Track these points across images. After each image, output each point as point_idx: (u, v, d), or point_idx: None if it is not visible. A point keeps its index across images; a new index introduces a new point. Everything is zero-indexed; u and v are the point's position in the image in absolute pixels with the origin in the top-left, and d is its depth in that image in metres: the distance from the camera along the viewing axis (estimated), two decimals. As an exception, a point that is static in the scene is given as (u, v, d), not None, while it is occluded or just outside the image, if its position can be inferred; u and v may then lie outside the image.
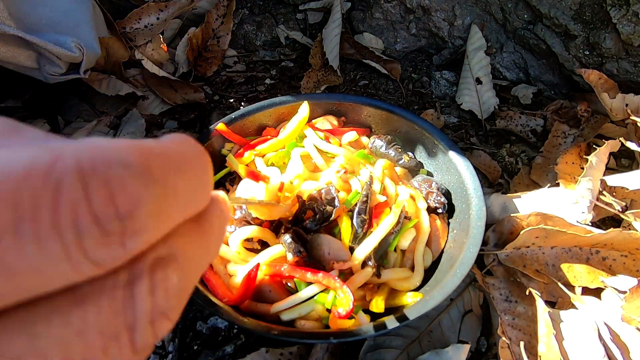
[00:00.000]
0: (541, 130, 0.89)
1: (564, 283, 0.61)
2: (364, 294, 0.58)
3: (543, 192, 0.70)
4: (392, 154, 0.71)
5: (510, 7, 0.96)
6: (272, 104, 0.76)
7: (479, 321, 0.63)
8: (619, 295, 0.58)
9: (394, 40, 1.11)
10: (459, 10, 1.01)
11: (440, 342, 0.60)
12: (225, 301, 0.55)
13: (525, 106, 0.96)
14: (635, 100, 0.79)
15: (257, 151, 0.70)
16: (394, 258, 0.62)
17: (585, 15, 0.87)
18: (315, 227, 0.58)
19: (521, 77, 1.02)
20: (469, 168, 0.66)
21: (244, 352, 0.59)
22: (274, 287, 0.58)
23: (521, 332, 0.59)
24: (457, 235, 0.64)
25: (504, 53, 1.02)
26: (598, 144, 0.73)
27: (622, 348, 0.54)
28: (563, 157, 0.75)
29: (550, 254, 0.63)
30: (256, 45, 1.13)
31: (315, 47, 1.06)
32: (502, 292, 0.63)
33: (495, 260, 0.66)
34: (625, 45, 0.83)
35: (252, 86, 1.03)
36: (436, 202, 0.66)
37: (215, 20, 1.06)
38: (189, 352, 0.61)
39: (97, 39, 0.83)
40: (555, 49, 0.93)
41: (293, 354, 0.58)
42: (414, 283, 0.60)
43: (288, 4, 1.15)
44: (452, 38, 1.05)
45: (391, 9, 1.08)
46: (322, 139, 0.71)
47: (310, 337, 0.52)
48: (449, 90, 1.01)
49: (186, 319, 0.64)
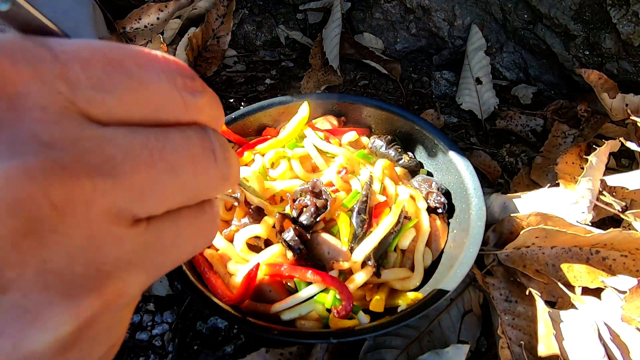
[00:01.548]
0: (541, 130, 0.89)
1: (564, 283, 0.61)
2: (364, 294, 0.58)
3: (543, 192, 0.70)
4: (392, 154, 0.71)
5: (510, 7, 0.96)
6: (272, 104, 0.76)
7: (479, 321, 0.63)
8: (619, 295, 0.58)
9: (394, 40, 1.11)
10: (459, 10, 1.01)
11: (440, 342, 0.60)
12: (225, 301, 0.55)
13: (525, 106, 0.96)
14: (635, 100, 0.79)
15: (257, 151, 0.70)
16: (393, 258, 0.62)
17: (585, 15, 0.87)
18: (311, 221, 0.58)
19: (521, 77, 1.02)
20: (469, 168, 0.66)
21: (244, 352, 0.59)
22: (274, 287, 0.58)
23: (521, 332, 0.59)
24: (457, 235, 0.64)
25: (504, 53, 1.02)
26: (598, 144, 0.73)
27: (622, 348, 0.54)
28: (563, 157, 0.75)
29: (550, 254, 0.63)
30: (256, 45, 1.13)
31: (315, 47, 1.06)
32: (502, 292, 0.63)
33: (495, 260, 0.66)
34: (625, 45, 0.83)
35: (252, 86, 1.03)
36: (436, 202, 0.66)
37: (215, 20, 1.06)
38: (189, 352, 0.61)
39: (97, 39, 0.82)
40: (555, 49, 0.93)
41: (293, 354, 0.58)
42: (413, 283, 0.60)
43: (288, 4, 1.15)
44: (452, 38, 1.05)
45: (391, 9, 1.08)
46: (322, 138, 0.71)
47: (310, 337, 0.52)
48: (449, 90, 1.01)
49: (186, 319, 0.64)
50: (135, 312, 0.65)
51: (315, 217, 0.58)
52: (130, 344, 0.62)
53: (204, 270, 0.60)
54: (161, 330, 0.64)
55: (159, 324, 0.64)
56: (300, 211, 0.59)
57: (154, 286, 0.67)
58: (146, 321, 0.65)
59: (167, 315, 0.65)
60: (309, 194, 0.60)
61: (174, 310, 0.66)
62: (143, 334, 0.63)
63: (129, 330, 0.64)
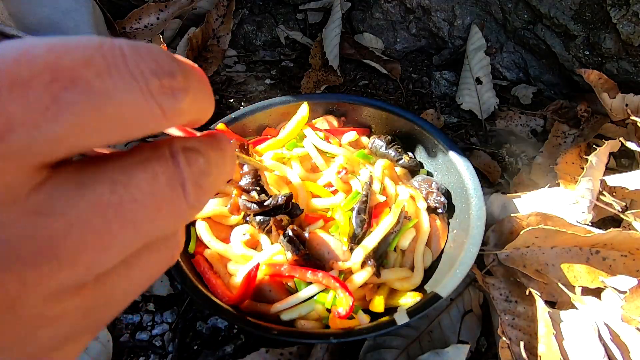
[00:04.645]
0: (541, 130, 0.89)
1: (564, 283, 0.61)
2: (364, 293, 0.58)
3: (543, 192, 0.70)
4: (392, 154, 0.71)
5: (510, 7, 0.96)
6: (272, 104, 0.76)
7: (479, 321, 0.63)
8: (619, 295, 0.58)
9: (394, 40, 1.10)
10: (459, 10, 1.01)
11: (440, 342, 0.60)
12: (225, 301, 0.55)
13: (525, 106, 0.96)
14: (635, 100, 0.79)
15: (256, 150, 0.70)
16: (393, 258, 0.62)
17: (585, 15, 0.87)
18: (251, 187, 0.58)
19: (521, 77, 1.02)
20: (469, 168, 0.66)
21: (244, 352, 0.59)
22: (274, 287, 0.58)
23: (521, 332, 0.59)
24: (457, 235, 0.64)
25: (504, 53, 1.02)
26: (598, 144, 0.73)
27: (622, 348, 0.54)
28: (563, 157, 0.75)
29: (550, 254, 0.63)
30: (256, 45, 1.13)
31: (315, 47, 1.06)
32: (502, 292, 0.63)
33: (495, 260, 0.66)
34: (625, 45, 0.83)
35: (252, 86, 1.03)
36: (436, 202, 0.66)
37: (215, 20, 1.06)
38: (189, 352, 0.61)
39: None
40: (555, 49, 0.93)
41: (293, 354, 0.58)
42: (413, 283, 0.60)
43: (288, 4, 1.15)
44: (452, 38, 1.05)
45: (391, 9, 1.08)
46: (322, 139, 0.71)
47: (310, 337, 0.52)
48: (449, 90, 1.01)
49: (186, 319, 0.64)
50: (135, 312, 0.65)
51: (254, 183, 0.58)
52: (130, 344, 0.62)
53: (204, 270, 0.60)
54: (161, 330, 0.64)
55: (159, 324, 0.64)
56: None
57: (154, 286, 0.67)
58: (146, 321, 0.65)
59: (167, 315, 0.65)
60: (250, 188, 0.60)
61: (174, 310, 0.66)
62: (143, 334, 0.63)
63: (129, 330, 0.64)
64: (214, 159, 0.19)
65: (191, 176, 0.17)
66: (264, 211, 0.58)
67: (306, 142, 0.70)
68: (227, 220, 0.64)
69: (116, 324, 0.64)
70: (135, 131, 0.16)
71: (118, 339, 0.62)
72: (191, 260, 0.61)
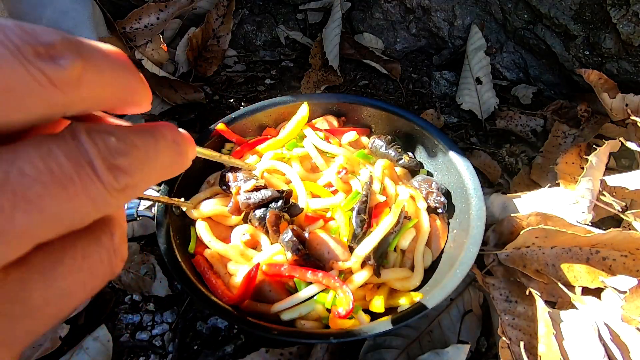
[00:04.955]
0: (541, 130, 0.89)
1: (564, 283, 0.61)
2: (364, 294, 0.58)
3: (543, 192, 0.70)
4: (392, 154, 0.71)
5: (510, 7, 0.96)
6: (272, 104, 0.76)
7: (479, 321, 0.63)
8: (619, 295, 0.58)
9: (394, 40, 1.11)
10: (459, 10, 1.01)
11: (440, 342, 0.60)
12: (225, 301, 0.55)
13: (525, 106, 0.96)
14: (635, 100, 0.79)
15: (256, 150, 0.70)
16: (393, 258, 0.62)
17: (585, 15, 0.87)
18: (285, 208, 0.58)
19: (521, 77, 1.02)
20: (469, 168, 0.66)
21: (244, 352, 0.59)
22: (274, 287, 0.58)
23: (521, 332, 0.59)
24: (457, 235, 0.64)
25: (504, 53, 1.02)
26: (598, 144, 0.73)
27: (622, 348, 0.54)
28: (563, 157, 0.75)
29: (550, 254, 0.63)
30: (256, 45, 1.13)
31: (315, 47, 1.06)
32: (502, 292, 0.63)
33: (495, 260, 0.66)
34: (625, 45, 0.83)
35: (252, 86, 1.03)
36: (436, 202, 0.66)
37: (215, 20, 1.06)
38: (189, 352, 0.61)
39: (97, 39, 0.83)
40: (555, 49, 0.93)
41: (293, 354, 0.58)
42: (413, 283, 0.60)
43: (288, 4, 1.15)
44: (452, 38, 1.05)
45: (391, 9, 1.08)
46: (322, 139, 0.71)
47: (310, 337, 0.52)
48: (449, 90, 1.01)
49: (186, 319, 0.64)
50: (136, 312, 0.65)
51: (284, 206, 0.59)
52: (130, 344, 0.62)
53: (204, 270, 0.60)
54: (161, 330, 0.64)
55: (159, 324, 0.64)
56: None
57: (154, 286, 0.67)
58: (146, 321, 0.65)
59: (167, 315, 0.65)
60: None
61: (174, 310, 0.66)
62: (143, 334, 0.63)
63: (129, 330, 0.64)
64: (135, 141, 0.18)
65: (99, 154, 0.16)
66: (263, 203, 0.58)
67: (306, 142, 0.70)
68: (227, 220, 0.64)
69: (116, 324, 0.64)
70: (27, 101, 0.15)
71: (118, 339, 0.62)
72: (191, 260, 0.61)
